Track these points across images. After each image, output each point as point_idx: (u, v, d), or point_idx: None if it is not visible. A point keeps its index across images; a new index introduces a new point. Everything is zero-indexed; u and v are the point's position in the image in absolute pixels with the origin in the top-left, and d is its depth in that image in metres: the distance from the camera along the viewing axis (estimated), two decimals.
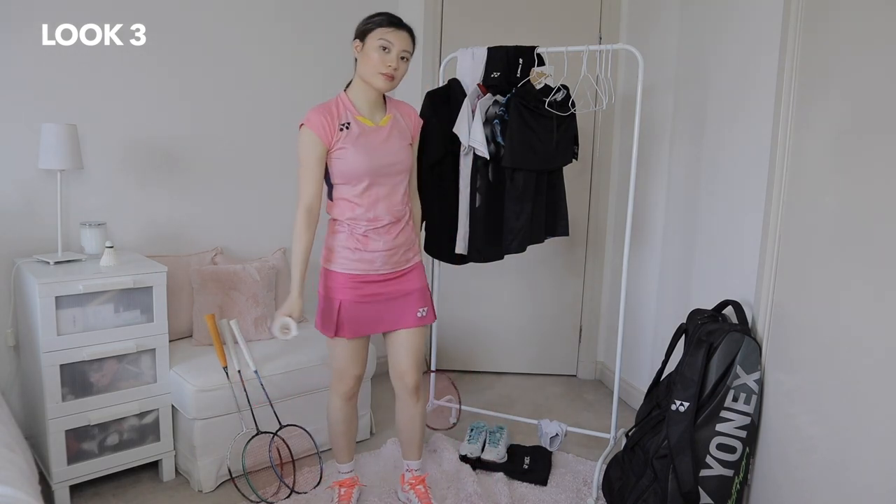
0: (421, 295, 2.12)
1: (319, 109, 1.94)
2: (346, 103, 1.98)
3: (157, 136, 2.71)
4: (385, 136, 1.98)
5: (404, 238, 2.06)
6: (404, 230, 2.06)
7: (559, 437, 2.57)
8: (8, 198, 2.42)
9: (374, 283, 2.03)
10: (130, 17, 2.58)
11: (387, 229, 2.00)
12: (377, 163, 1.95)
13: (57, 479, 2.19)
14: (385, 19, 1.92)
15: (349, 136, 1.92)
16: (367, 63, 1.91)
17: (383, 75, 1.90)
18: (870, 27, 1.62)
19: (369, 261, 2.01)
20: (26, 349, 2.34)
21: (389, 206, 2.00)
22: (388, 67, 1.89)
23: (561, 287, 3.53)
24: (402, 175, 2.02)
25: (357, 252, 2.00)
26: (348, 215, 1.99)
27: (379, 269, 2.02)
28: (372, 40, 1.89)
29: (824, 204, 1.77)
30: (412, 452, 2.29)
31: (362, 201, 1.97)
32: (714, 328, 2.11)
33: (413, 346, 2.14)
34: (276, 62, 3.00)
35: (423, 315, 2.12)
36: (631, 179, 2.43)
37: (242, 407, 2.37)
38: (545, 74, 2.44)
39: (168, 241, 2.78)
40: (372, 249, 2.00)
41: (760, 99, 2.17)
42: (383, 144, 1.97)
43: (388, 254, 2.02)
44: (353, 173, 1.94)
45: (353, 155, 1.92)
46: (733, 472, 2.02)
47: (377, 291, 2.04)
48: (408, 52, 1.93)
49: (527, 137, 2.40)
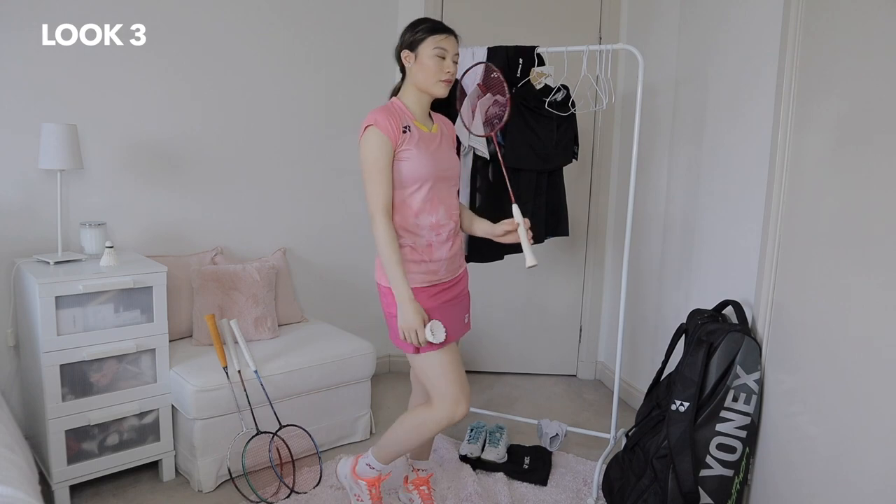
0: (468, 302, 2.12)
1: (383, 109, 1.90)
2: (403, 109, 1.94)
3: (157, 136, 2.71)
4: (438, 141, 1.98)
5: (459, 244, 2.05)
6: (459, 236, 2.05)
7: (559, 437, 2.57)
8: (8, 198, 2.42)
9: (442, 290, 1.98)
10: (130, 17, 2.58)
11: (447, 236, 1.96)
12: (437, 166, 1.92)
13: (57, 479, 2.19)
14: (433, 26, 1.90)
15: (412, 138, 1.89)
16: (424, 72, 1.89)
17: (443, 82, 1.90)
18: (870, 27, 1.62)
19: (434, 271, 1.95)
20: (26, 349, 2.34)
21: (449, 210, 1.97)
22: (447, 74, 1.89)
23: (561, 287, 3.53)
24: (455, 180, 2.02)
25: (423, 264, 1.93)
26: (411, 222, 1.91)
27: (442, 278, 1.98)
28: (426, 49, 1.88)
29: (824, 204, 1.77)
30: (424, 452, 2.28)
31: (425, 206, 1.91)
32: (714, 328, 2.11)
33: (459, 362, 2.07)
34: (276, 62, 3.00)
35: (467, 322, 2.11)
36: (631, 179, 2.43)
37: (242, 407, 2.37)
38: (545, 74, 2.44)
39: (168, 241, 2.78)
40: (437, 259, 1.94)
41: (760, 99, 2.17)
42: (439, 149, 1.96)
43: (448, 261, 1.98)
44: (419, 175, 1.88)
45: (419, 157, 1.88)
46: (733, 472, 2.02)
47: (445, 298, 1.98)
48: (458, 56, 1.94)
49: (527, 137, 2.40)
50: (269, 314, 2.73)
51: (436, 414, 1.96)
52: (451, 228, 1.98)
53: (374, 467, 2.14)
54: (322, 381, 2.57)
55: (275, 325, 2.76)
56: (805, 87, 1.90)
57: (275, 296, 2.83)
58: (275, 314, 2.79)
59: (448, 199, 1.97)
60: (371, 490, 2.15)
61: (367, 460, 2.15)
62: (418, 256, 1.93)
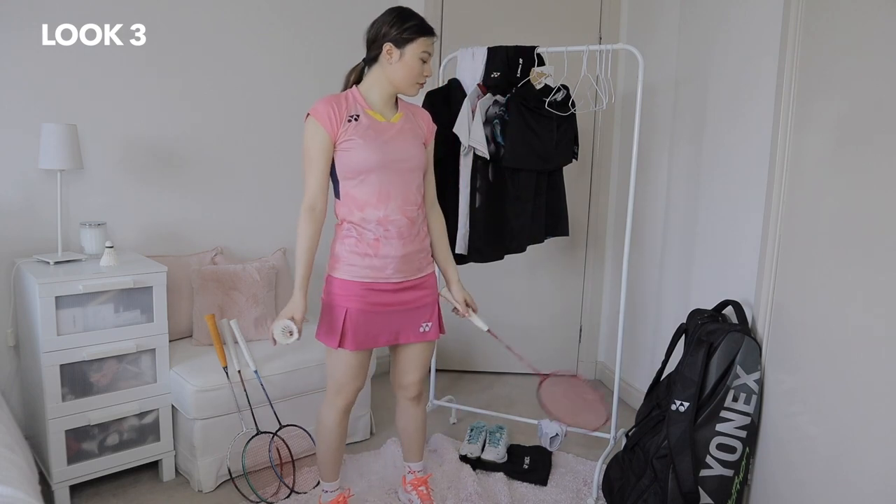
0: (429, 310, 2.02)
1: (327, 99, 1.86)
2: (357, 97, 1.89)
3: (157, 135, 2.71)
4: (396, 131, 1.89)
5: (419, 245, 1.96)
6: (418, 236, 1.95)
7: (559, 437, 2.56)
8: (8, 198, 2.42)
9: (383, 292, 1.91)
10: (130, 17, 2.58)
11: (399, 232, 1.88)
12: (386, 157, 1.84)
13: (57, 479, 2.19)
14: (422, 27, 1.85)
15: (358, 127, 1.83)
16: (405, 71, 1.85)
17: (419, 84, 1.89)
18: (870, 27, 1.62)
19: (379, 268, 1.89)
20: (26, 349, 2.34)
21: (402, 206, 1.88)
22: (425, 77, 1.89)
23: (561, 287, 3.53)
24: (413, 173, 1.91)
25: (367, 258, 1.88)
26: (357, 215, 1.87)
27: (390, 276, 1.90)
28: (414, 50, 1.84)
29: (824, 204, 1.77)
30: (414, 454, 2.26)
31: (371, 199, 1.85)
32: (714, 328, 2.11)
33: (420, 362, 2.08)
34: (276, 62, 3.00)
35: (426, 331, 2.01)
36: (631, 179, 2.43)
37: (242, 407, 2.37)
38: (545, 74, 2.44)
39: (168, 241, 2.78)
40: (383, 255, 1.88)
41: (760, 99, 2.17)
42: (393, 139, 1.87)
43: (400, 260, 1.90)
44: (360, 166, 1.83)
45: (362, 147, 1.82)
46: (733, 472, 2.02)
47: (386, 301, 1.92)
48: None
49: (527, 137, 2.40)
50: (269, 314, 2.73)
51: (323, 409, 2.06)
52: (404, 225, 1.89)
53: (327, 490, 2.16)
54: (322, 382, 2.57)
55: None
56: (805, 87, 1.90)
57: (275, 296, 2.83)
58: (275, 314, 2.79)
59: (403, 193, 1.88)
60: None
61: (321, 486, 2.17)
62: (363, 250, 1.88)
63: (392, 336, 1.98)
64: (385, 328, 1.95)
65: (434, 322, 2.04)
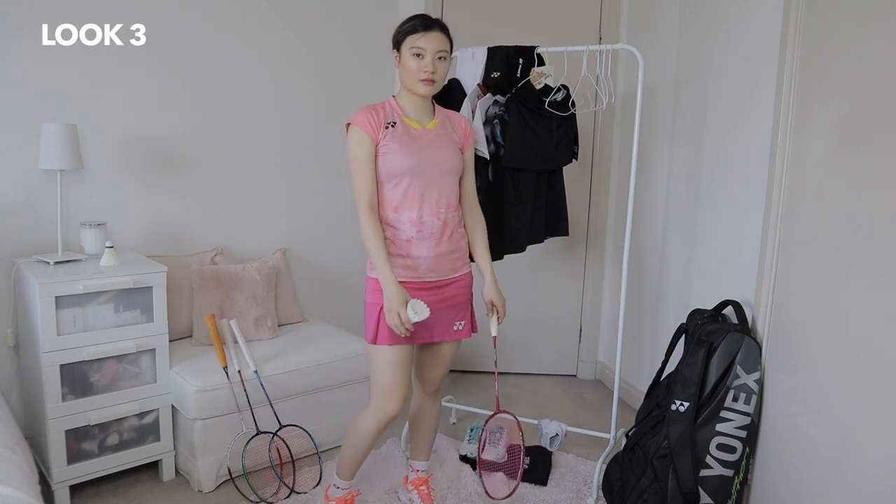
0: (462, 308, 2.04)
1: (366, 108, 1.93)
2: (393, 106, 1.96)
3: (157, 135, 2.71)
4: (432, 137, 1.95)
5: (453, 245, 1.99)
6: (452, 237, 1.98)
7: (559, 437, 2.56)
8: (8, 198, 2.42)
9: (417, 290, 1.93)
10: (130, 17, 2.58)
11: (431, 234, 1.93)
12: (421, 161, 1.90)
13: (57, 479, 2.19)
14: (413, 25, 1.88)
15: (395, 133, 1.90)
16: (406, 72, 1.89)
17: (423, 81, 1.88)
18: (870, 27, 1.62)
19: (413, 267, 1.93)
20: (26, 349, 2.34)
21: (435, 208, 1.93)
22: (426, 73, 1.86)
23: (561, 287, 3.53)
24: (448, 176, 1.96)
25: (400, 258, 1.93)
26: (392, 217, 1.92)
27: (423, 275, 1.94)
28: (406, 49, 1.87)
29: (824, 204, 1.77)
30: (422, 453, 2.26)
31: (405, 201, 1.91)
32: (714, 328, 2.11)
33: (446, 359, 2.10)
34: (276, 62, 3.00)
35: (460, 329, 2.04)
36: (631, 179, 2.43)
37: (242, 407, 2.37)
38: (545, 74, 2.44)
39: (168, 241, 2.78)
40: (416, 255, 1.93)
41: (760, 99, 2.17)
42: (429, 145, 1.93)
43: (432, 260, 1.94)
44: (396, 170, 1.89)
45: (397, 151, 1.88)
46: (733, 472, 2.02)
47: (429, 298, 1.93)
48: (444, 52, 1.89)
49: (527, 137, 2.40)
50: (269, 314, 2.73)
51: (366, 413, 2.02)
52: (437, 227, 1.94)
53: (339, 486, 2.15)
54: (322, 381, 2.57)
55: (275, 325, 2.76)
56: (805, 87, 1.90)
57: (275, 296, 2.83)
58: (275, 314, 2.79)
59: (437, 196, 1.93)
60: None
61: (333, 481, 2.16)
62: (396, 250, 1.93)
63: (427, 334, 2.00)
64: (420, 326, 1.93)
65: (467, 321, 2.06)
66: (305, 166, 3.14)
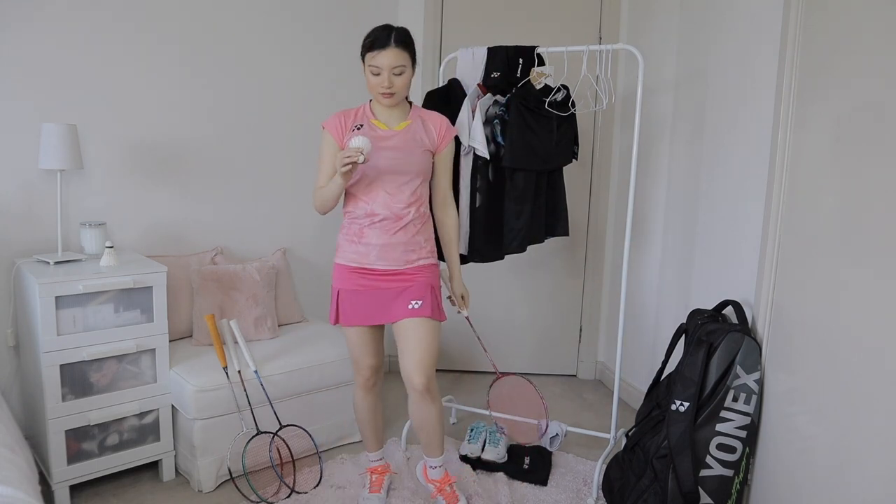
0: (418, 290, 2.10)
1: (339, 113, 2.12)
2: (366, 109, 2.12)
3: (157, 135, 2.71)
4: (396, 139, 2.07)
5: (406, 238, 2.09)
6: (405, 229, 2.09)
7: (559, 437, 2.56)
8: (8, 198, 2.42)
9: (369, 275, 2.10)
10: (131, 17, 2.58)
11: (382, 224, 2.06)
12: (379, 161, 2.02)
13: (57, 479, 2.19)
14: (371, 43, 1.99)
15: (359, 134, 2.02)
16: (369, 84, 2.04)
17: (382, 95, 2.02)
18: (870, 26, 1.62)
19: (363, 253, 2.09)
20: (26, 349, 2.34)
21: (389, 204, 2.06)
22: (383, 88, 2.00)
23: (561, 287, 3.53)
24: (407, 177, 2.07)
25: (353, 244, 2.10)
26: (350, 208, 2.12)
27: (373, 262, 2.09)
28: (365, 64, 2.02)
29: (824, 203, 1.77)
30: (431, 450, 2.25)
31: (363, 196, 2.07)
32: (714, 328, 2.11)
33: (416, 342, 2.08)
34: (275, 62, 3.00)
35: (416, 307, 2.08)
36: (631, 179, 2.43)
37: (242, 407, 2.37)
38: (545, 74, 2.44)
39: (168, 241, 2.78)
40: (366, 242, 2.08)
41: (760, 99, 2.17)
42: (392, 146, 2.05)
43: (382, 248, 2.07)
44: None
45: None
46: (733, 472, 2.02)
47: (372, 284, 2.11)
48: (401, 66, 1.99)
49: (527, 138, 2.40)
50: (269, 314, 2.73)
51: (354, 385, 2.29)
52: (387, 218, 2.06)
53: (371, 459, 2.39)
54: (322, 381, 2.57)
55: (275, 325, 2.76)
56: (805, 87, 1.90)
57: (275, 296, 2.83)
58: (275, 314, 2.79)
59: (392, 193, 2.06)
60: (372, 477, 2.36)
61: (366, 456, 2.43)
62: (350, 237, 2.12)
63: (384, 314, 2.14)
64: (376, 308, 2.12)
65: (426, 301, 2.11)
66: (305, 166, 3.14)
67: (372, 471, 2.36)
